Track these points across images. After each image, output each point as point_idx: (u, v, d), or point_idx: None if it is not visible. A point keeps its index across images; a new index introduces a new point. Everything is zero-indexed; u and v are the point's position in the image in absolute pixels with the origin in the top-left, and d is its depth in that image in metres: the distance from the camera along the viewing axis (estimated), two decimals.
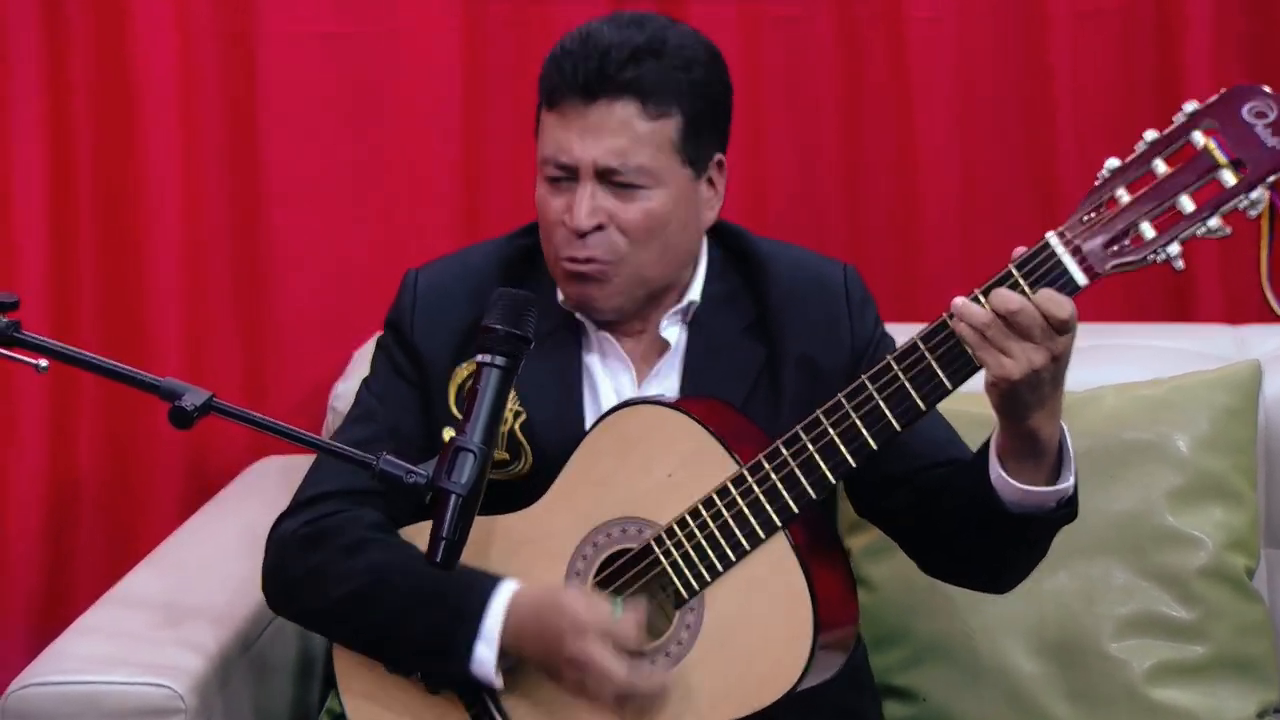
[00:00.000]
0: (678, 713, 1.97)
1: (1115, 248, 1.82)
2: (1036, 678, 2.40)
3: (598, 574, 2.02)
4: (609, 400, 2.12)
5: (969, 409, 2.08)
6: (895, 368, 1.90)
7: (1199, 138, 1.80)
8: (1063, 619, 2.40)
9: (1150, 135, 1.82)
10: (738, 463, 1.97)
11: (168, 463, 2.94)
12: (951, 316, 1.86)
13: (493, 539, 2.04)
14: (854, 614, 2.05)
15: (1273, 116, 1.78)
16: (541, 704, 2.02)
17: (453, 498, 1.78)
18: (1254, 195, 1.79)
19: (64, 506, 2.94)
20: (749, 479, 1.96)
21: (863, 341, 2.13)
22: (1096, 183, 1.83)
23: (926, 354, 1.89)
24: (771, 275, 2.14)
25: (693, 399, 2.07)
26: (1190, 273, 2.92)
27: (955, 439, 2.10)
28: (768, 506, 1.95)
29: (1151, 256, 1.81)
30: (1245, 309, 2.81)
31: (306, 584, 2.08)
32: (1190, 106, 1.81)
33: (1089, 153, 2.90)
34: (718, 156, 2.12)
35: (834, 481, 1.95)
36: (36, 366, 1.82)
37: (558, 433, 2.09)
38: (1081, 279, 1.83)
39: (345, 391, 2.67)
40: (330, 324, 2.93)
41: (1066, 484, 1.93)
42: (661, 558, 1.99)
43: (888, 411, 1.91)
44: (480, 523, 1.86)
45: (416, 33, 2.94)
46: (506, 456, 2.10)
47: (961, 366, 1.88)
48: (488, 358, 1.85)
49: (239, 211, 2.95)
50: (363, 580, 2.04)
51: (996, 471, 1.92)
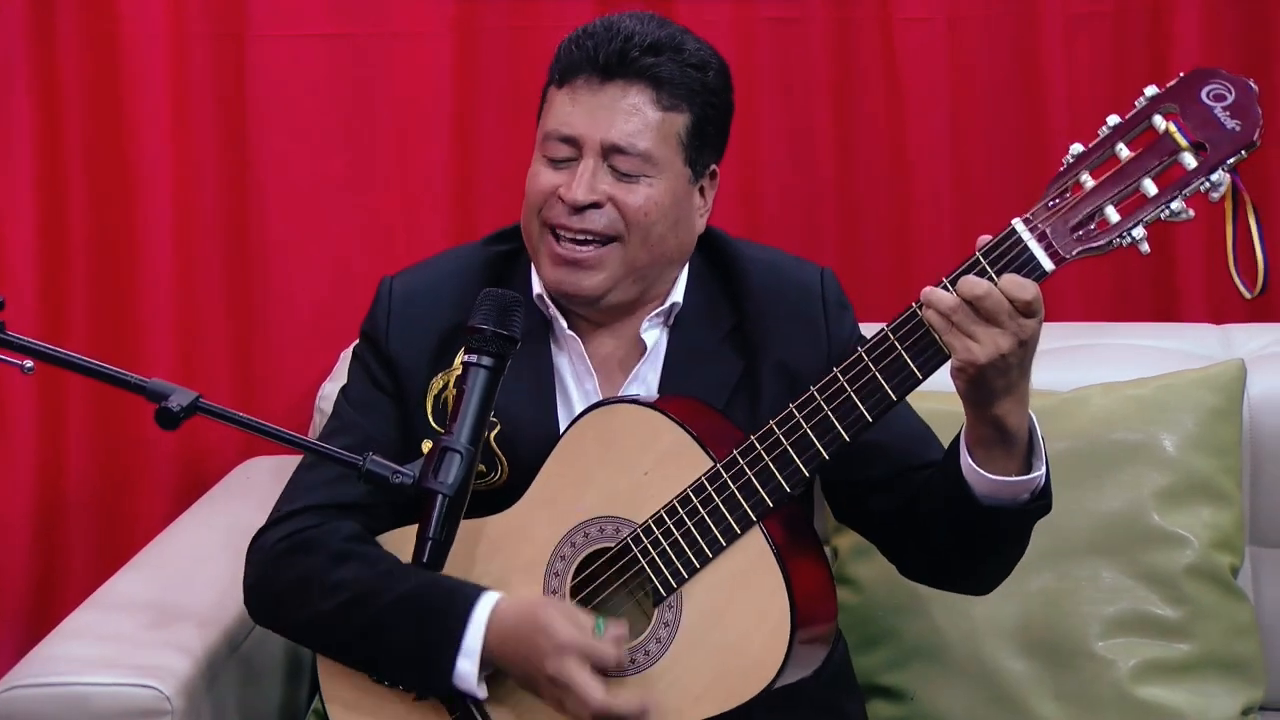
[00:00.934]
0: (658, 710, 1.97)
1: (1080, 233, 1.83)
2: (1023, 677, 2.41)
3: (576, 573, 2.02)
4: (579, 406, 2.12)
5: (948, 407, 2.08)
6: (865, 359, 1.90)
7: (1160, 121, 1.80)
8: (1050, 618, 2.41)
9: (1113, 120, 1.82)
10: (713, 460, 1.97)
11: (155, 464, 2.94)
12: (921, 306, 1.86)
13: (472, 539, 2.03)
14: (833, 610, 2.05)
15: (1231, 99, 1.79)
16: (525, 711, 2.02)
17: (439, 498, 1.78)
18: (1214, 178, 1.79)
19: (52, 508, 2.94)
20: (724, 475, 1.96)
21: (840, 346, 2.13)
22: (1061, 168, 1.83)
23: (896, 344, 1.89)
24: (749, 281, 2.15)
25: (670, 398, 2.07)
26: (1176, 273, 2.93)
27: (932, 441, 2.10)
28: (743, 502, 1.95)
29: (1117, 240, 1.82)
30: (1230, 308, 2.82)
31: (288, 597, 2.08)
32: (1151, 90, 1.82)
33: None
34: (713, 167, 2.13)
35: (808, 475, 1.95)
36: (22, 367, 1.82)
37: (533, 442, 2.08)
38: (1048, 264, 1.83)
39: (332, 392, 2.64)
40: (318, 325, 2.94)
41: (1038, 474, 1.93)
42: (639, 556, 1.99)
43: (859, 403, 1.91)
44: (465, 524, 1.86)
45: (408, 35, 2.95)
46: (483, 469, 2.09)
47: (931, 356, 1.88)
48: (474, 358, 1.84)
49: (229, 213, 2.96)
50: (344, 595, 2.03)
51: (967, 463, 1.93)
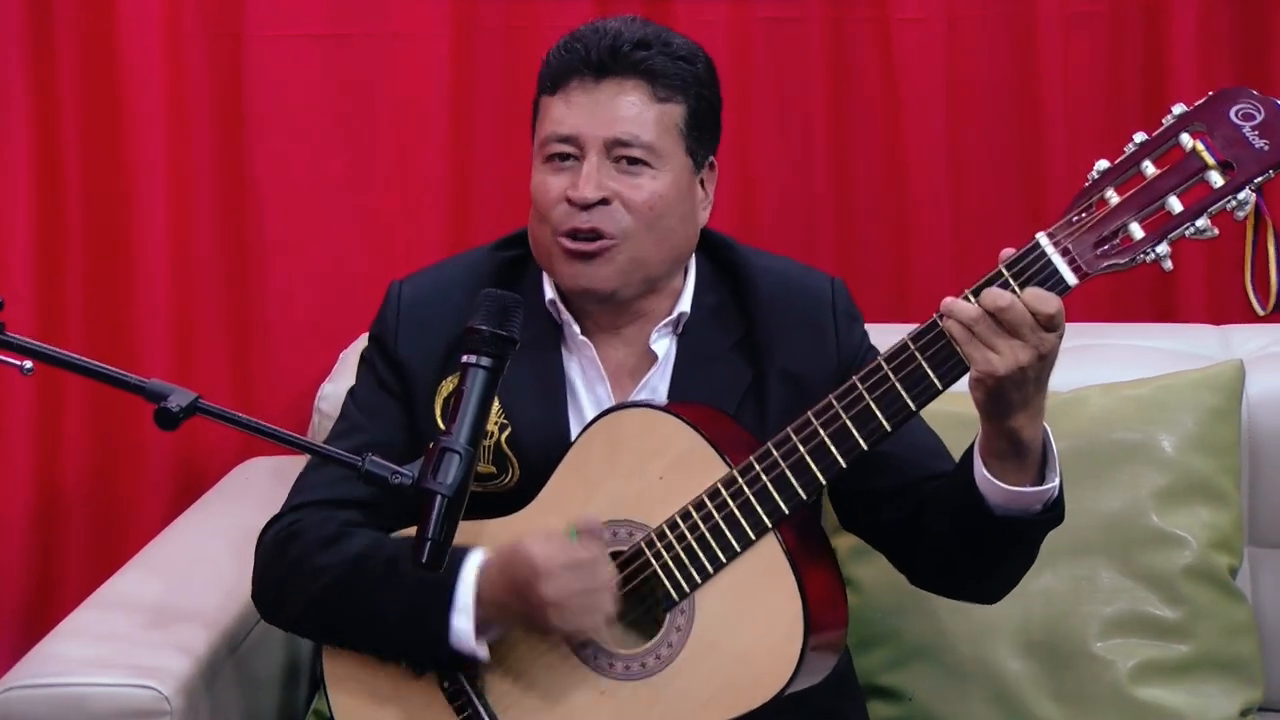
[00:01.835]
0: (667, 714, 1.97)
1: (1104, 248, 1.83)
2: (1023, 677, 2.41)
3: None
4: (590, 411, 2.12)
5: (959, 410, 2.08)
6: (885, 368, 1.90)
7: (1187, 140, 1.81)
8: (1049, 619, 2.41)
9: (1139, 137, 1.83)
10: (728, 465, 1.97)
11: (154, 464, 2.94)
12: (942, 316, 1.87)
13: (482, 542, 2.03)
14: (844, 616, 2.05)
15: (1260, 119, 1.79)
16: (526, 696, 2.02)
17: (438, 498, 1.77)
18: (1241, 196, 1.80)
19: (50, 508, 2.94)
20: (739, 480, 1.96)
21: (849, 356, 2.13)
22: (1086, 184, 1.84)
23: (916, 354, 1.89)
24: (758, 289, 2.15)
25: (683, 404, 2.07)
26: (1175, 273, 2.90)
27: (943, 452, 2.10)
28: (758, 508, 1.95)
29: (1140, 257, 1.82)
30: (1229, 309, 2.82)
31: (287, 583, 2.09)
32: (1179, 109, 1.82)
33: (1078, 155, 2.91)
34: (711, 159, 2.14)
35: (824, 483, 1.95)
36: (21, 368, 1.82)
37: (543, 444, 2.08)
38: (1071, 279, 1.83)
39: (331, 393, 2.68)
40: (317, 326, 2.93)
41: (1051, 485, 1.93)
42: (652, 560, 1.99)
43: (878, 412, 1.91)
44: (469, 526, 1.87)
45: (406, 36, 2.95)
46: (493, 470, 2.10)
47: (952, 367, 1.88)
48: (473, 358, 1.84)
49: (226, 213, 2.95)
50: (339, 571, 2.04)
51: (981, 473, 1.92)
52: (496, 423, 2.10)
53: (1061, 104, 2.94)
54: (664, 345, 2.14)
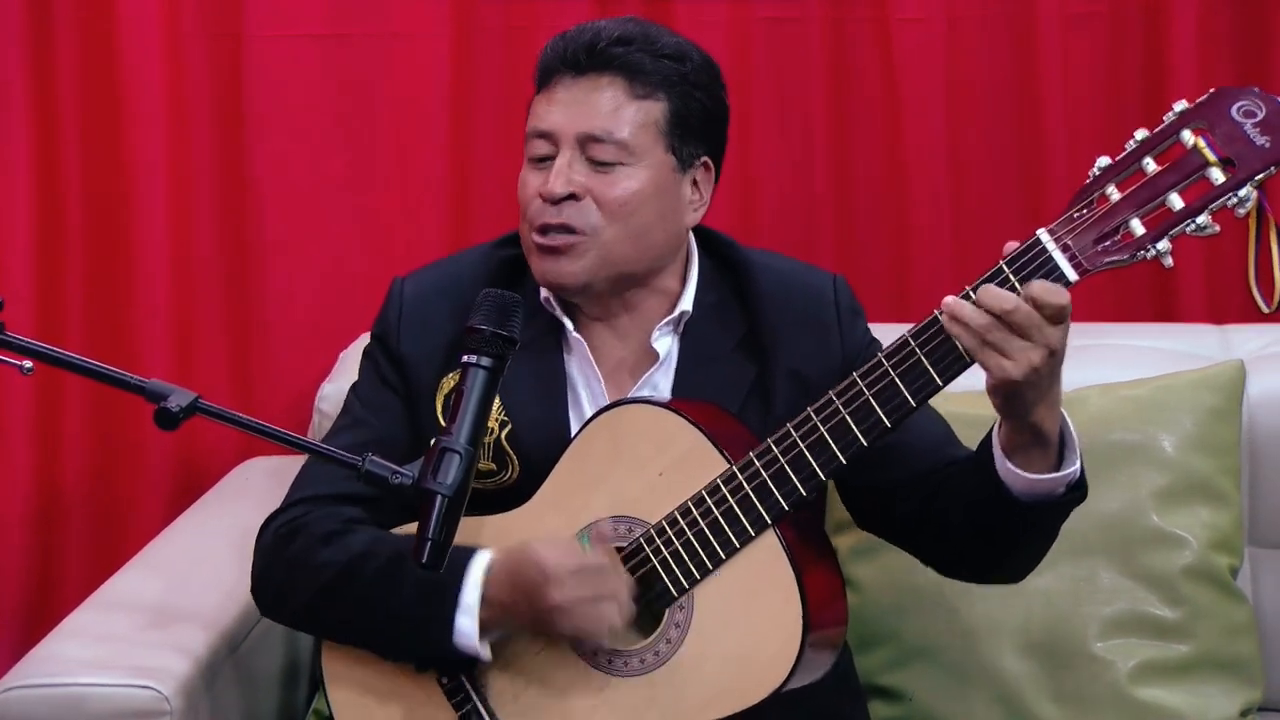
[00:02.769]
0: (667, 711, 1.97)
1: (1105, 244, 1.83)
2: (1023, 677, 2.41)
3: None
4: (589, 408, 2.12)
5: (968, 410, 2.09)
6: (885, 364, 1.91)
7: (1188, 136, 1.81)
8: (1049, 619, 2.41)
9: (1140, 134, 1.83)
10: (729, 461, 1.97)
11: (154, 464, 2.94)
12: (942, 313, 1.87)
13: (483, 538, 2.03)
14: (843, 614, 2.05)
15: (1261, 116, 1.80)
16: (525, 692, 2.02)
17: (438, 499, 1.77)
18: (1242, 193, 1.80)
19: (50, 508, 2.94)
20: (739, 476, 1.96)
21: (853, 352, 2.13)
22: (1087, 180, 1.84)
23: (917, 350, 1.89)
24: (761, 287, 2.15)
25: (685, 400, 2.07)
26: (1175, 273, 2.93)
27: (952, 438, 2.10)
28: (758, 504, 1.95)
29: (1141, 253, 1.82)
30: (1229, 309, 2.82)
31: (289, 578, 2.09)
32: (1180, 105, 1.83)
33: (1078, 154, 2.91)
34: (704, 158, 2.13)
35: (825, 479, 1.95)
36: (21, 368, 1.82)
37: (543, 441, 2.09)
38: (1072, 275, 1.84)
39: (331, 393, 2.68)
40: (317, 326, 2.94)
41: (1073, 468, 1.93)
42: (651, 556, 1.99)
43: (878, 408, 1.91)
44: (470, 522, 1.86)
45: (406, 35, 2.95)
46: (493, 467, 2.10)
47: (952, 363, 1.88)
48: (473, 358, 1.84)
49: (226, 213, 2.96)
50: (341, 566, 2.04)
51: (1004, 465, 1.93)
52: (497, 419, 2.10)
53: (1061, 104, 2.94)
54: (666, 344, 2.14)
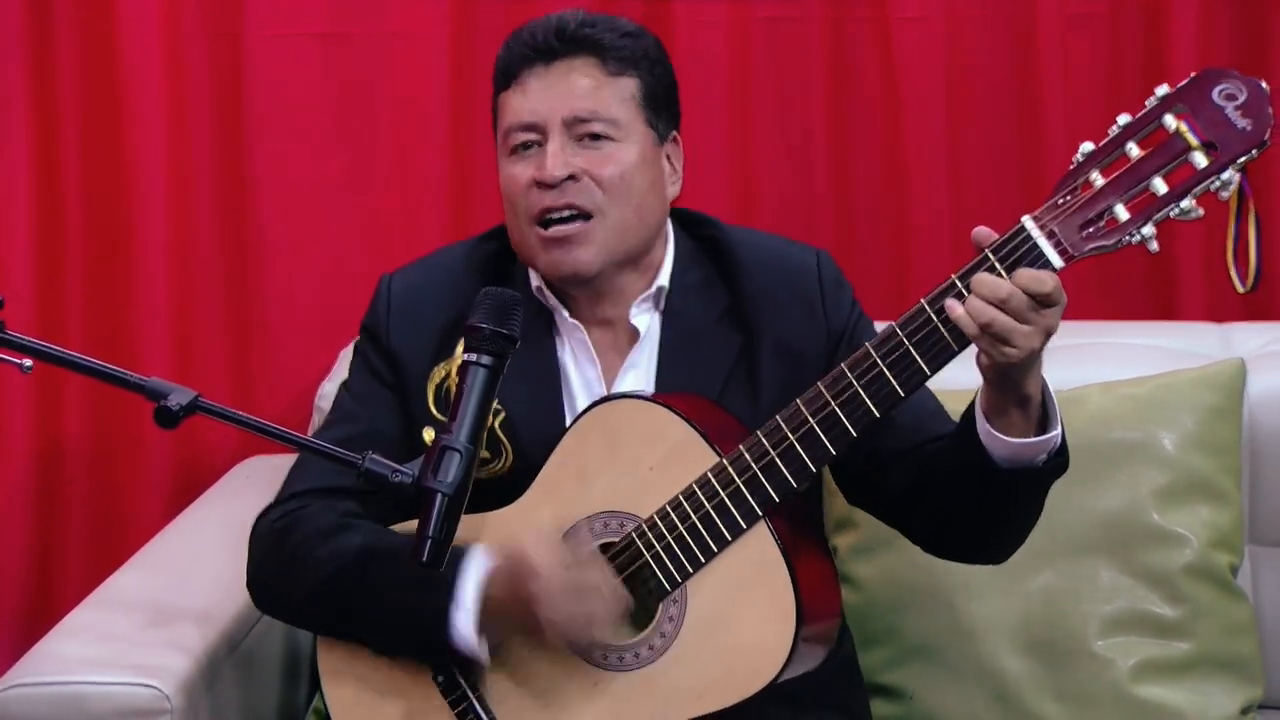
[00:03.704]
0: (662, 705, 1.98)
1: (1090, 230, 1.84)
2: (1023, 676, 2.41)
3: None
4: (582, 394, 2.13)
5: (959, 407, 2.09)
6: (874, 355, 1.91)
7: (1171, 121, 1.81)
8: (1049, 617, 2.41)
9: (1123, 119, 1.83)
10: (718, 454, 1.97)
11: (154, 462, 2.94)
12: (930, 303, 1.87)
13: (475, 534, 2.03)
14: (837, 605, 2.05)
15: (1243, 99, 1.80)
16: (520, 688, 2.02)
17: (438, 497, 1.77)
18: (1224, 176, 1.80)
19: (50, 506, 2.94)
20: (729, 469, 1.96)
21: (839, 324, 2.14)
22: (1071, 167, 1.84)
23: (905, 340, 1.90)
24: (743, 262, 2.16)
25: (674, 394, 2.07)
26: (1175, 271, 2.93)
27: (942, 413, 2.11)
28: (749, 496, 1.95)
29: (1126, 239, 1.83)
30: (1229, 307, 2.82)
31: (285, 574, 2.09)
32: (1162, 90, 1.83)
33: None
34: (674, 134, 2.15)
35: (815, 470, 1.96)
36: (21, 366, 1.82)
37: (537, 430, 2.09)
38: (1058, 261, 1.84)
39: (331, 392, 2.65)
40: (317, 324, 2.94)
41: (1054, 433, 1.94)
42: (644, 550, 1.99)
43: (867, 399, 1.92)
44: (470, 520, 1.86)
45: (405, 35, 2.95)
46: (487, 455, 2.10)
47: (940, 352, 1.89)
48: (474, 357, 1.84)
49: (226, 211, 2.96)
50: (339, 562, 2.04)
51: (985, 428, 1.93)
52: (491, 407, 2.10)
53: (1061, 104, 2.94)
54: (645, 320, 2.14)
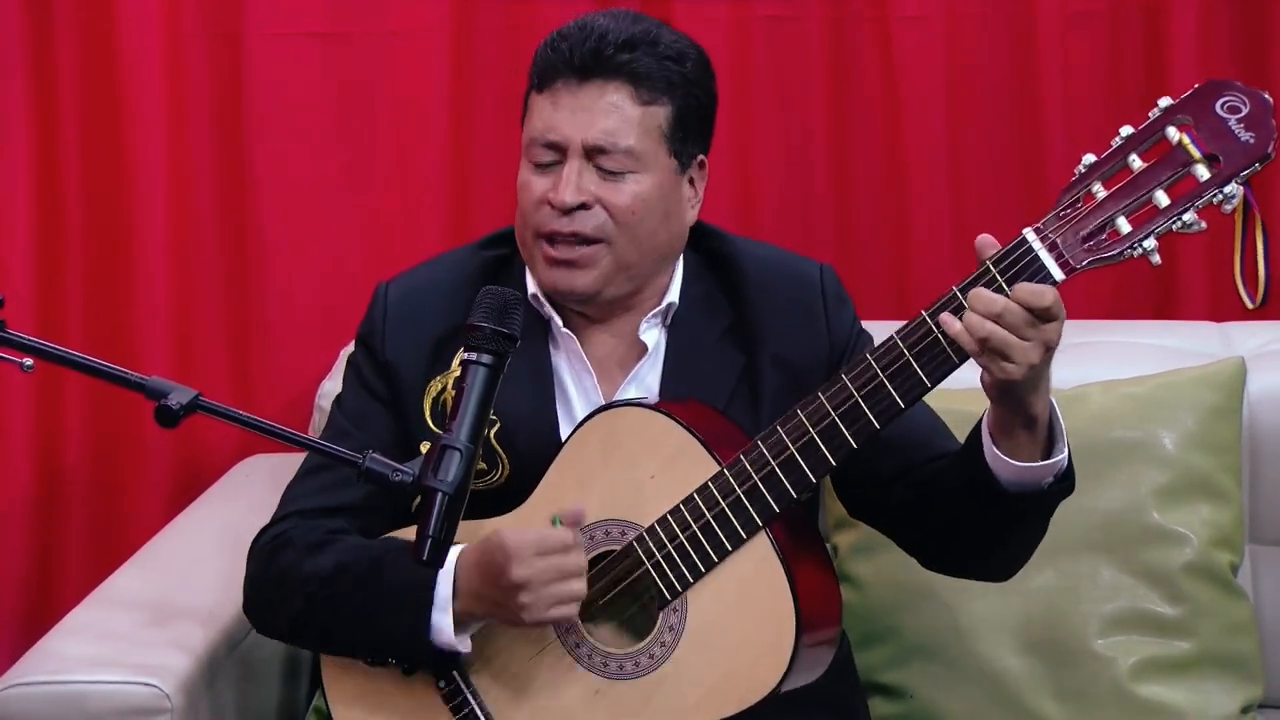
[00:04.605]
0: (661, 714, 1.97)
1: (1092, 243, 1.83)
2: (1023, 675, 2.41)
3: None
4: (579, 404, 2.12)
5: (967, 408, 2.08)
6: (874, 366, 1.91)
7: (1173, 133, 1.81)
8: (1049, 616, 2.41)
9: (1126, 130, 1.83)
10: (718, 463, 1.97)
11: (154, 462, 2.94)
12: (930, 315, 1.87)
13: (473, 540, 2.03)
14: (837, 615, 2.05)
15: (1246, 111, 1.79)
16: (521, 695, 2.02)
17: (439, 496, 1.77)
18: (1227, 190, 1.79)
19: (50, 506, 2.94)
20: (730, 479, 1.96)
21: (840, 339, 2.14)
22: (1073, 178, 1.84)
23: (905, 351, 1.89)
24: (747, 276, 2.15)
25: (675, 402, 2.07)
26: (1175, 270, 2.93)
27: (944, 431, 2.11)
28: (749, 505, 1.95)
29: (1128, 251, 1.82)
30: (1230, 306, 2.81)
31: (276, 593, 2.09)
32: (1165, 102, 1.82)
33: (1078, 153, 2.85)
34: (700, 157, 2.13)
35: (815, 480, 1.95)
36: (22, 365, 1.82)
37: (533, 439, 2.09)
38: (1059, 274, 1.83)
39: (331, 392, 2.65)
40: (317, 323, 2.94)
41: (1061, 456, 1.93)
42: (644, 559, 1.99)
43: (867, 410, 1.91)
44: (468, 525, 1.86)
45: (405, 34, 2.94)
46: (484, 466, 2.09)
47: (940, 364, 1.89)
48: (474, 355, 1.84)
49: (226, 211, 2.96)
50: (323, 576, 2.04)
51: (992, 451, 1.93)
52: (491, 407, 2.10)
53: (1061, 104, 2.94)
54: (653, 336, 2.14)
